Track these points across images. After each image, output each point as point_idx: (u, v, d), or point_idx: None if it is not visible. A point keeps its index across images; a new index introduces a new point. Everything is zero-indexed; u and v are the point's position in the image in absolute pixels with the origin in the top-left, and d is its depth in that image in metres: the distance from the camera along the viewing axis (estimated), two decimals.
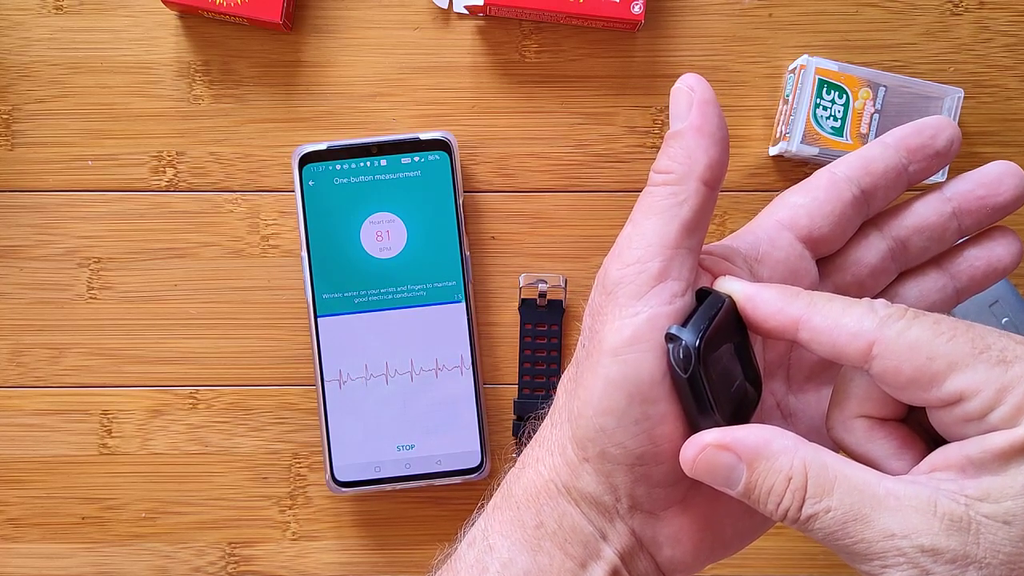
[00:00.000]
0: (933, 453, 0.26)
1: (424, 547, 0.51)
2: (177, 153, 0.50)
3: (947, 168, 0.46)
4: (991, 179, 0.31)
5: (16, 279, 0.50)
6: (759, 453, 0.26)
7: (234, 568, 0.51)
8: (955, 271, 0.32)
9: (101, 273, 0.50)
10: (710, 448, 0.27)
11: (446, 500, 0.51)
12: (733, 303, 0.28)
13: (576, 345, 0.31)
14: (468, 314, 0.49)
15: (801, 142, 0.46)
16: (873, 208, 0.31)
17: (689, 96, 0.28)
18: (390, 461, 0.49)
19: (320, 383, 0.49)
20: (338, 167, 0.48)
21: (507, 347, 0.50)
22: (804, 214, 0.30)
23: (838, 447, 0.28)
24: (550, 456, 0.30)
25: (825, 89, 0.46)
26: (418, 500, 0.51)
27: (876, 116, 0.46)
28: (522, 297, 0.50)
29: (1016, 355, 0.24)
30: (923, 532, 0.24)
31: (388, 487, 0.49)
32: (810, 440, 0.26)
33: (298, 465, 0.51)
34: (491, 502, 0.31)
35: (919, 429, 0.28)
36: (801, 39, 0.50)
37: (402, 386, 0.49)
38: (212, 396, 0.50)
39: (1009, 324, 0.47)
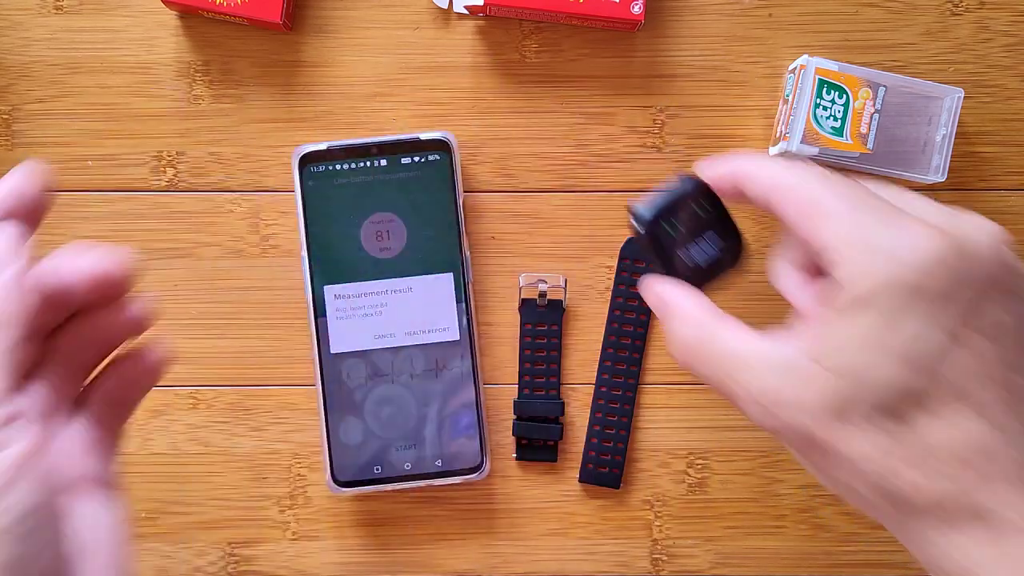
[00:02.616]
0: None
1: (424, 547, 0.51)
2: (177, 153, 0.50)
3: (947, 167, 0.46)
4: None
5: None
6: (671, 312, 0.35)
7: (234, 568, 0.51)
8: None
9: None
10: (651, 295, 0.36)
11: (446, 500, 0.51)
12: (704, 183, 0.35)
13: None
14: (468, 314, 0.49)
15: (801, 142, 0.46)
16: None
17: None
18: (390, 461, 0.49)
19: (320, 383, 0.49)
20: (338, 167, 0.48)
21: (507, 347, 0.50)
22: None
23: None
24: None
25: (825, 89, 0.46)
26: (418, 500, 0.51)
27: (876, 116, 0.46)
28: (522, 297, 0.50)
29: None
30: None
31: (388, 487, 0.49)
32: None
33: (298, 465, 0.51)
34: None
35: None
36: (801, 39, 0.50)
37: (402, 386, 0.49)
38: (212, 396, 0.50)
39: None
